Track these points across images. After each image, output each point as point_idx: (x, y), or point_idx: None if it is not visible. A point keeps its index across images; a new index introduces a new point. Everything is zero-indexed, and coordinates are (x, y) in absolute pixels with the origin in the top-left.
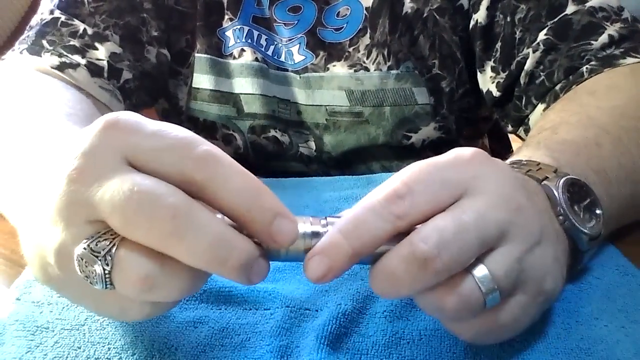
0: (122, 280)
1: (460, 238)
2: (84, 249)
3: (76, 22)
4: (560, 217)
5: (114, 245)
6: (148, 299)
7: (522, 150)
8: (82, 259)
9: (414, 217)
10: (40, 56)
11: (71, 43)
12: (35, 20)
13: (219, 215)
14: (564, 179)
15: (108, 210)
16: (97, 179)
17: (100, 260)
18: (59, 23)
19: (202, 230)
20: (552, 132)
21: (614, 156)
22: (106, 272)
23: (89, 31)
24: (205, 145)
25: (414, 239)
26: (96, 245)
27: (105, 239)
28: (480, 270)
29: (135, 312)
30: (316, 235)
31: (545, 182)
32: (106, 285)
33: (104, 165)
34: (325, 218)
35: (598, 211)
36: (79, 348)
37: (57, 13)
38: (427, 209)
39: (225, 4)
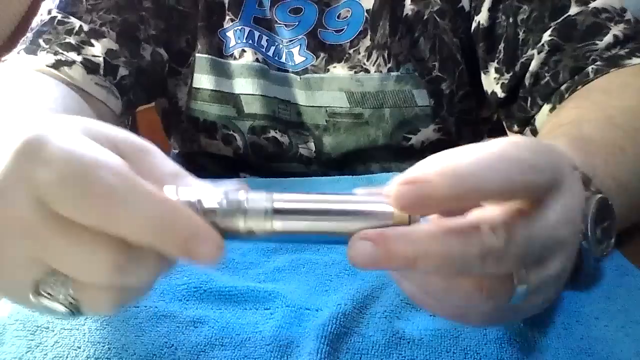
0: (89, 305)
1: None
2: (42, 295)
3: (72, 19)
4: (581, 235)
5: (69, 284)
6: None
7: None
8: (43, 305)
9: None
10: (36, 55)
11: (67, 40)
12: (35, 22)
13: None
14: (597, 197)
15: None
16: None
17: (62, 303)
18: (55, 21)
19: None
20: (573, 127)
21: (634, 162)
22: (70, 308)
23: (85, 28)
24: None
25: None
26: (52, 289)
27: (57, 282)
28: (521, 284)
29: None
30: (279, 212)
31: None
32: (73, 314)
33: (17, 211)
34: (282, 194)
35: (612, 238)
36: (79, 348)
37: (54, 12)
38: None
39: (227, 5)
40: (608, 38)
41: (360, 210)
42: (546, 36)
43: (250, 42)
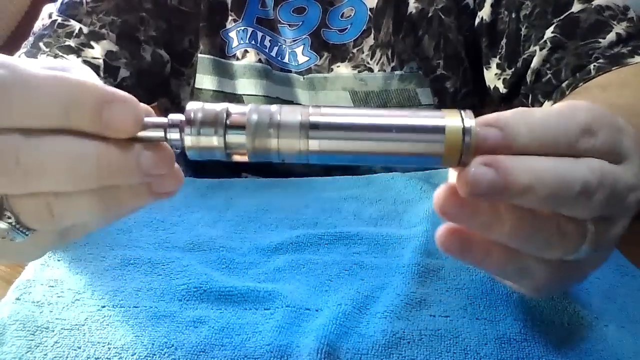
0: (33, 221)
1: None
2: None
3: (72, 22)
4: None
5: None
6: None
7: None
8: None
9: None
10: (37, 58)
11: (67, 43)
12: (37, 26)
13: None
14: None
15: None
16: None
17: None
18: (55, 25)
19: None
20: None
21: None
22: (13, 223)
23: (85, 30)
24: None
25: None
26: None
27: None
28: (590, 238)
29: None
30: (315, 127)
31: None
32: (23, 233)
33: None
34: (318, 107)
35: None
36: (79, 348)
37: (54, 16)
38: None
39: (229, 5)
40: (611, 36)
41: (410, 124)
42: (548, 33)
43: (253, 42)
